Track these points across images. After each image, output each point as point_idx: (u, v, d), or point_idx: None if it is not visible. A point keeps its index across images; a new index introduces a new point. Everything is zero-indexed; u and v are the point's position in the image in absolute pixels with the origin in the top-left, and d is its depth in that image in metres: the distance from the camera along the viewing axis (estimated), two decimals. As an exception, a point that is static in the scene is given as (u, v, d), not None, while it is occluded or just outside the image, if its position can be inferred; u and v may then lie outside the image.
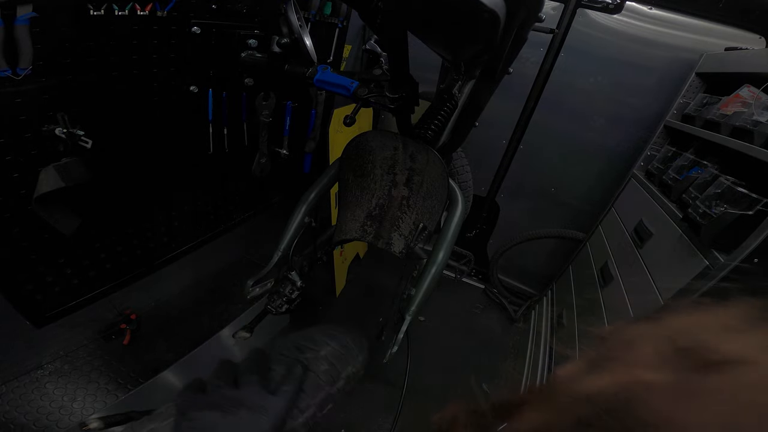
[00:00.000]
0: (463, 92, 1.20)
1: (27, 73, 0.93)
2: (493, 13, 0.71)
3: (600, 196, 2.40)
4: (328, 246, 1.38)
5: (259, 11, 1.44)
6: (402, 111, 1.08)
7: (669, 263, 1.34)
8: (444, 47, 1.06)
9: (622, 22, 2.07)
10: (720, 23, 1.91)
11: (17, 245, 1.07)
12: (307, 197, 1.30)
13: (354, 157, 1.21)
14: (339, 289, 2.60)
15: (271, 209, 2.07)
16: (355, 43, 2.28)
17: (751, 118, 1.26)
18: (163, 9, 1.15)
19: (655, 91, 2.11)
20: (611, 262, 1.78)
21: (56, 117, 1.01)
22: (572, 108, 2.32)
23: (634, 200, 1.90)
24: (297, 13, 1.16)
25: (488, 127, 2.45)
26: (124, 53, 1.12)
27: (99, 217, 1.25)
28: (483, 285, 3.03)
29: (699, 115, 1.64)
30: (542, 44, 2.14)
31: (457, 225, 1.18)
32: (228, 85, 1.45)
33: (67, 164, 1.05)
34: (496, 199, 2.73)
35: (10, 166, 0.98)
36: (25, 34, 0.89)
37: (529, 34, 1.04)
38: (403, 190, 1.17)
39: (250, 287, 1.23)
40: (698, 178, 1.39)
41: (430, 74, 1.74)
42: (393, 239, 1.17)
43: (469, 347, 2.47)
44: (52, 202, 1.06)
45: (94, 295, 1.35)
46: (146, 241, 1.47)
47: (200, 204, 1.65)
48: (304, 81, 1.17)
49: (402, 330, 1.11)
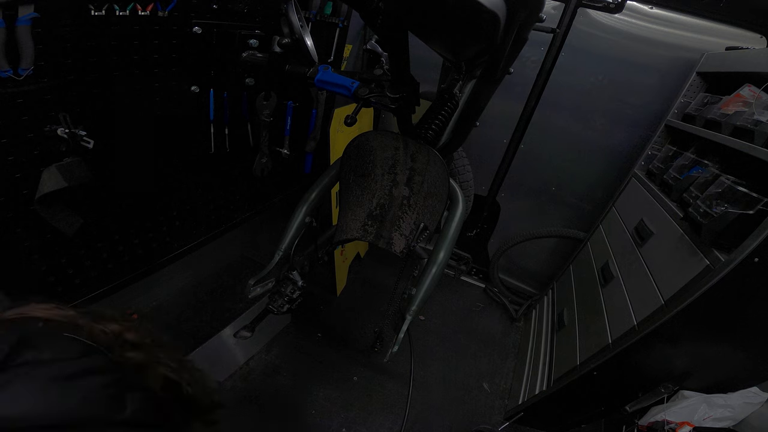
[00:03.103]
0: (463, 92, 1.21)
1: (29, 74, 0.93)
2: (493, 14, 0.71)
3: (601, 196, 2.40)
4: (329, 245, 1.38)
5: (260, 11, 1.45)
6: (403, 111, 1.09)
7: (669, 262, 1.34)
8: (444, 47, 1.07)
9: (622, 21, 2.07)
10: (721, 23, 1.91)
11: (20, 245, 1.08)
12: (308, 197, 1.30)
13: (355, 157, 1.21)
14: (340, 289, 2.61)
15: (271, 209, 2.08)
16: (355, 43, 2.29)
17: (751, 117, 1.26)
18: (165, 9, 1.16)
19: (655, 90, 2.11)
20: (612, 262, 1.78)
21: (58, 117, 1.02)
22: (573, 107, 2.32)
23: (634, 199, 1.90)
24: (298, 13, 1.16)
25: (489, 126, 2.46)
26: (125, 53, 1.12)
27: (100, 217, 1.26)
28: (483, 284, 3.03)
29: (700, 115, 1.64)
30: (543, 44, 2.14)
31: (458, 224, 1.19)
32: (229, 85, 1.45)
33: (69, 164, 1.06)
34: (497, 199, 2.73)
35: (12, 166, 0.98)
36: (27, 34, 0.89)
37: (530, 33, 1.04)
38: (403, 190, 1.17)
39: (251, 287, 1.24)
40: (699, 177, 1.39)
41: (430, 74, 1.74)
42: (394, 239, 1.17)
43: (470, 346, 2.47)
44: (54, 202, 1.06)
45: (96, 295, 1.35)
46: (147, 241, 1.47)
47: (201, 204, 1.65)
48: (305, 81, 1.18)
49: (403, 330, 1.12)
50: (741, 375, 1.25)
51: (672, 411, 1.24)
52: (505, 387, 2.24)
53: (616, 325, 1.47)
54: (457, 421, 1.99)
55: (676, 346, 1.24)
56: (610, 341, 1.44)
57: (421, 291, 1.13)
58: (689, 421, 1.20)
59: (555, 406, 1.73)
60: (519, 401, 2.00)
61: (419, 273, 1.22)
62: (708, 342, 1.21)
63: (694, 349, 1.24)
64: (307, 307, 2.44)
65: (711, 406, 1.22)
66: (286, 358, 2.12)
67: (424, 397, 2.04)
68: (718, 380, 1.27)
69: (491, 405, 2.12)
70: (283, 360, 2.10)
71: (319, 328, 2.36)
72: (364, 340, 2.31)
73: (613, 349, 1.38)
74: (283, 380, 2.00)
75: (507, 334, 2.64)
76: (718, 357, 1.24)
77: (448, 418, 2.00)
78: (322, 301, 2.55)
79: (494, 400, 2.15)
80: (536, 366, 2.08)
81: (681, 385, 1.28)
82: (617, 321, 1.47)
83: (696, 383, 1.27)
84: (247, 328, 1.24)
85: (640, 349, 1.28)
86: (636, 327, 1.33)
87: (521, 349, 2.48)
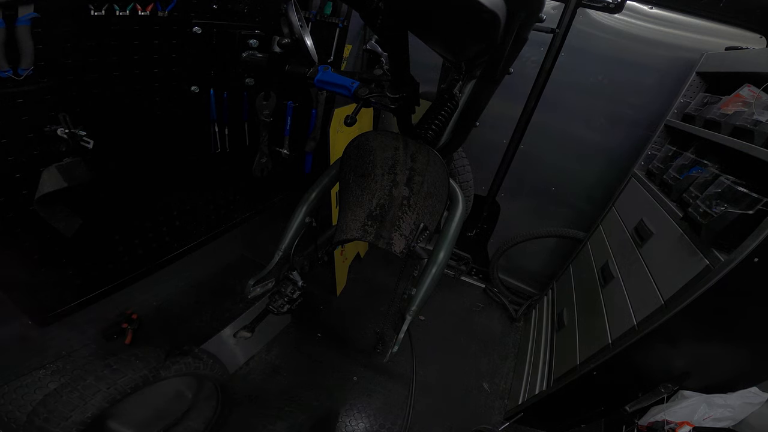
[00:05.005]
0: (463, 92, 1.20)
1: (28, 74, 0.92)
2: (494, 14, 0.71)
3: (600, 196, 2.40)
4: (329, 246, 1.38)
5: (259, 11, 1.44)
6: (403, 111, 1.09)
7: (669, 262, 1.34)
8: (444, 47, 1.07)
9: (622, 21, 2.07)
10: (721, 23, 1.91)
11: (20, 245, 1.07)
12: (308, 197, 1.30)
13: (355, 157, 1.21)
14: (340, 289, 2.61)
15: (271, 209, 2.08)
16: (355, 43, 2.29)
17: (751, 117, 1.26)
18: (164, 9, 1.15)
19: (655, 90, 2.11)
20: (612, 262, 1.78)
21: (58, 117, 1.02)
22: (573, 107, 2.32)
23: (634, 199, 1.91)
24: (298, 13, 1.16)
25: (489, 126, 2.47)
26: (125, 53, 1.12)
27: (100, 218, 1.26)
28: (483, 284, 3.03)
29: (699, 115, 1.65)
30: (543, 44, 2.14)
31: (458, 225, 1.19)
32: (229, 85, 1.45)
33: (69, 164, 1.05)
34: (497, 199, 2.73)
35: (12, 166, 0.98)
36: (27, 34, 0.89)
37: (530, 33, 1.04)
38: (403, 190, 1.17)
39: (251, 287, 1.23)
40: (699, 177, 1.39)
41: (430, 74, 1.74)
42: (394, 239, 1.17)
43: (470, 347, 2.47)
44: (53, 202, 1.06)
45: (96, 295, 1.35)
46: (148, 241, 1.47)
47: (201, 204, 1.65)
48: (305, 81, 1.17)
49: (403, 330, 1.12)
50: (741, 375, 1.25)
51: (672, 411, 1.24)
52: (505, 387, 2.24)
53: (615, 325, 1.47)
54: (457, 421, 1.99)
55: (675, 346, 1.24)
56: (610, 341, 1.44)
57: (421, 291, 1.13)
58: (689, 421, 1.21)
59: (555, 406, 1.73)
60: (519, 401, 2.00)
61: (419, 273, 1.22)
62: (708, 342, 1.21)
63: (693, 349, 1.25)
64: (307, 307, 2.45)
65: (711, 406, 1.22)
66: (286, 358, 2.12)
67: (424, 397, 2.04)
68: (717, 380, 1.27)
69: (491, 405, 2.12)
70: (283, 360, 2.10)
71: (319, 328, 2.36)
72: (364, 340, 2.31)
73: (613, 349, 1.38)
74: (283, 380, 2.00)
75: (507, 334, 2.64)
76: (717, 357, 1.24)
77: (448, 418, 2.00)
78: (322, 301, 2.55)
79: (494, 400, 2.16)
80: (536, 366, 2.08)
81: (681, 385, 1.28)
82: (617, 321, 1.48)
83: (696, 383, 1.27)
84: (247, 328, 1.24)
85: (639, 349, 1.28)
86: (636, 327, 1.33)
87: (521, 349, 2.48)
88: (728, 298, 1.06)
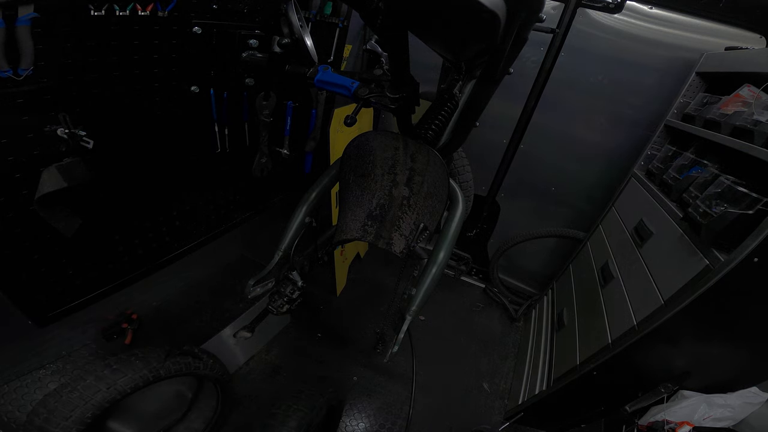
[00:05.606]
0: (463, 92, 1.20)
1: (28, 74, 0.92)
2: (494, 14, 0.71)
3: (600, 196, 2.40)
4: (328, 246, 1.38)
5: (260, 11, 1.44)
6: (403, 111, 1.09)
7: (669, 262, 1.34)
8: (444, 47, 1.07)
9: (622, 21, 2.08)
10: (720, 23, 1.91)
11: (20, 245, 1.07)
12: (308, 197, 1.30)
13: (355, 157, 1.21)
14: (340, 289, 2.61)
15: (271, 209, 2.08)
16: (355, 43, 2.29)
17: (751, 117, 1.26)
18: (164, 9, 1.15)
19: (655, 90, 2.11)
20: (611, 262, 1.78)
21: (58, 117, 1.02)
22: (573, 107, 2.32)
23: (634, 199, 1.91)
24: (298, 13, 1.16)
25: (489, 126, 2.47)
26: (125, 53, 1.12)
27: (100, 218, 1.26)
28: (483, 284, 3.03)
29: (699, 115, 1.65)
30: (543, 44, 2.14)
31: (458, 225, 1.19)
32: (229, 85, 1.45)
33: (68, 164, 1.05)
34: (497, 199, 2.73)
35: (12, 166, 0.98)
36: (27, 34, 0.89)
37: (530, 33, 1.04)
38: (403, 190, 1.17)
39: (251, 287, 1.23)
40: (698, 177, 1.39)
41: (430, 74, 1.74)
42: (394, 239, 1.17)
43: (470, 346, 2.47)
44: (53, 202, 1.06)
45: (96, 295, 1.35)
46: (147, 241, 1.47)
47: (201, 204, 1.65)
48: (305, 81, 1.17)
49: (403, 330, 1.12)
50: (741, 375, 1.25)
51: (672, 411, 1.24)
52: (505, 387, 2.24)
53: (615, 325, 1.47)
54: (457, 421, 1.99)
55: (675, 345, 1.24)
56: (609, 341, 1.44)
57: (421, 291, 1.13)
58: (689, 420, 1.21)
59: (555, 406, 1.73)
60: (519, 401, 2.00)
61: (419, 273, 1.22)
62: (708, 342, 1.21)
63: (693, 349, 1.25)
64: (307, 307, 2.45)
65: (711, 405, 1.22)
66: (286, 358, 2.12)
67: (424, 397, 2.04)
68: (717, 380, 1.27)
69: (491, 405, 2.12)
70: (283, 360, 2.10)
71: (319, 328, 2.36)
72: (364, 340, 2.31)
73: (612, 349, 1.38)
74: (283, 380, 2.00)
75: (507, 334, 2.64)
76: (717, 357, 1.24)
77: (448, 418, 2.00)
78: (322, 301, 2.55)
79: (494, 400, 2.16)
80: (536, 366, 2.08)
81: (681, 385, 1.28)
82: (617, 321, 1.48)
83: (696, 383, 1.27)
84: (247, 328, 1.23)
85: (639, 349, 1.28)
86: (636, 327, 1.33)
87: (521, 349, 2.48)
88: (728, 297, 1.06)
